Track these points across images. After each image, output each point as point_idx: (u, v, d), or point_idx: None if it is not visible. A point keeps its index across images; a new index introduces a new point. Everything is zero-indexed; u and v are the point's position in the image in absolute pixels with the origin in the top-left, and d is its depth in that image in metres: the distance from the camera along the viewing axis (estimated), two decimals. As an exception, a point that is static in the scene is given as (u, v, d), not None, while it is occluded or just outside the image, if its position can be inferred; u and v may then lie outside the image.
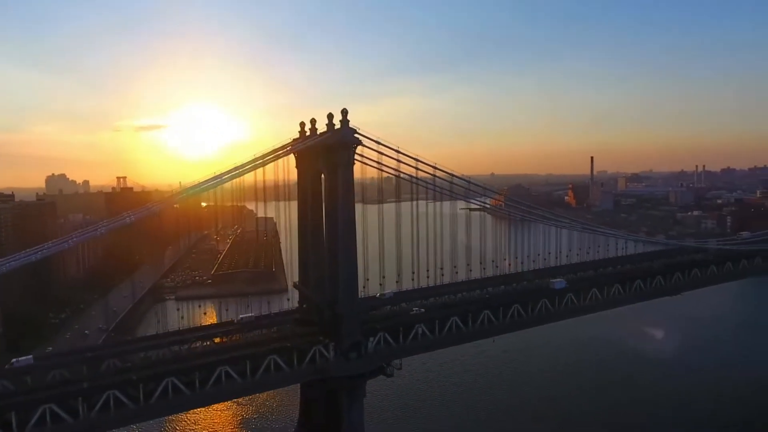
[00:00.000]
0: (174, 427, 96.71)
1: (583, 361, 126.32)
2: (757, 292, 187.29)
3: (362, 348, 75.50)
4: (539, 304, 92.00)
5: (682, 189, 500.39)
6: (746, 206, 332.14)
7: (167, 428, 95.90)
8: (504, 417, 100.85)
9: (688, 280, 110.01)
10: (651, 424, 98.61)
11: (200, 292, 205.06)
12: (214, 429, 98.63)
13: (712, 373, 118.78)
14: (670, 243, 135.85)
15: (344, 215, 74.91)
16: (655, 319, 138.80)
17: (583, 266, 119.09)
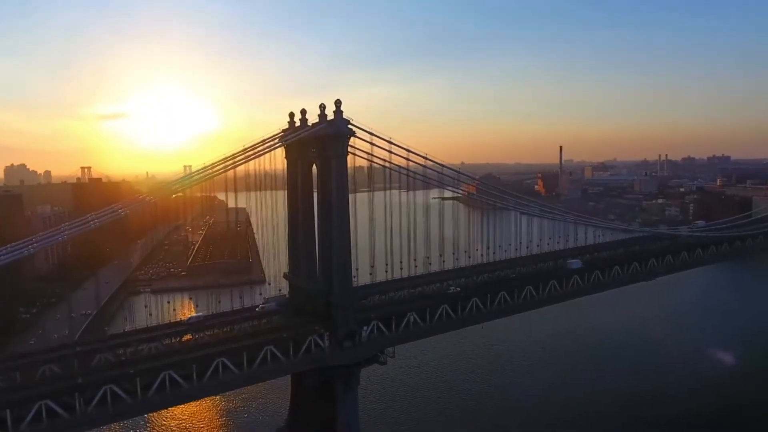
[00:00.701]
0: (162, 422, 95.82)
1: (560, 348, 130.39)
2: (730, 277, 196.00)
3: (356, 337, 76.46)
4: (524, 291, 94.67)
5: (645, 177, 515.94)
6: (707, 194, 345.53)
7: (155, 423, 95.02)
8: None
9: (661, 266, 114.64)
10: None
11: (175, 285, 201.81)
12: (202, 422, 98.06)
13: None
14: (644, 230, 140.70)
15: (338, 205, 75.38)
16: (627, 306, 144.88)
17: (563, 254, 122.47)
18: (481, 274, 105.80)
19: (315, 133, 74.53)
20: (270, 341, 70.92)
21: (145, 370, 63.66)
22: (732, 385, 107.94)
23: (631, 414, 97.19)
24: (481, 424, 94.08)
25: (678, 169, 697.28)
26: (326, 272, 79.35)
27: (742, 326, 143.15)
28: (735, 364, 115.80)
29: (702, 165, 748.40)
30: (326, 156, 77.12)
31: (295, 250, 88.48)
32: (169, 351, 70.95)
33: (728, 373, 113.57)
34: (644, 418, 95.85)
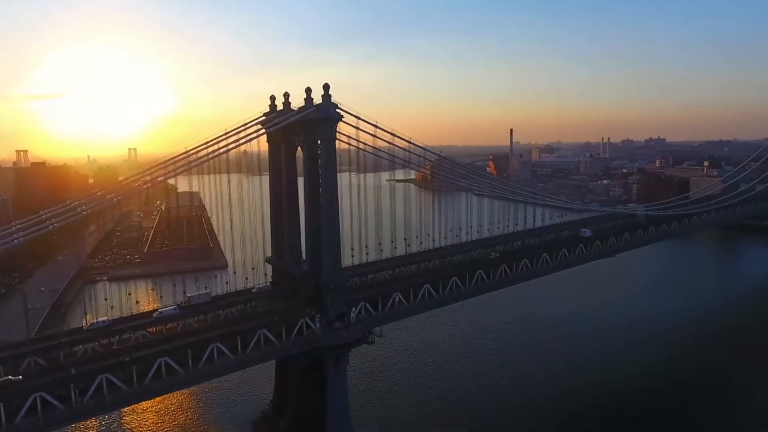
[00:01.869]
0: (138, 414, 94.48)
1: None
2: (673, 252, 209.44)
3: (346, 318, 78.03)
4: (499, 269, 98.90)
5: (590, 159, 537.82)
6: (649, 175, 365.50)
7: (133, 414, 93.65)
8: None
9: (620, 243, 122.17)
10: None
11: (134, 272, 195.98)
12: (184, 412, 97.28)
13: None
14: (603, 210, 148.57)
15: (327, 189, 76.03)
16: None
17: (529, 234, 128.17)
18: (455, 255, 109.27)
19: (305, 117, 74.43)
20: (263, 325, 71.48)
21: (141, 358, 63.02)
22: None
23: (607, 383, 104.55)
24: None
25: (618, 151, 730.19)
26: (314, 255, 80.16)
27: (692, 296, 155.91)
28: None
29: (640, 147, 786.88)
30: (313, 140, 77.42)
31: (278, 235, 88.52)
32: (163, 338, 70.18)
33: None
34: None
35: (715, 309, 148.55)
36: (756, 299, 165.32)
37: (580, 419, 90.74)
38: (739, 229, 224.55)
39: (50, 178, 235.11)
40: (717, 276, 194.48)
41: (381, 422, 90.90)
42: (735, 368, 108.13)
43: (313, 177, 78.48)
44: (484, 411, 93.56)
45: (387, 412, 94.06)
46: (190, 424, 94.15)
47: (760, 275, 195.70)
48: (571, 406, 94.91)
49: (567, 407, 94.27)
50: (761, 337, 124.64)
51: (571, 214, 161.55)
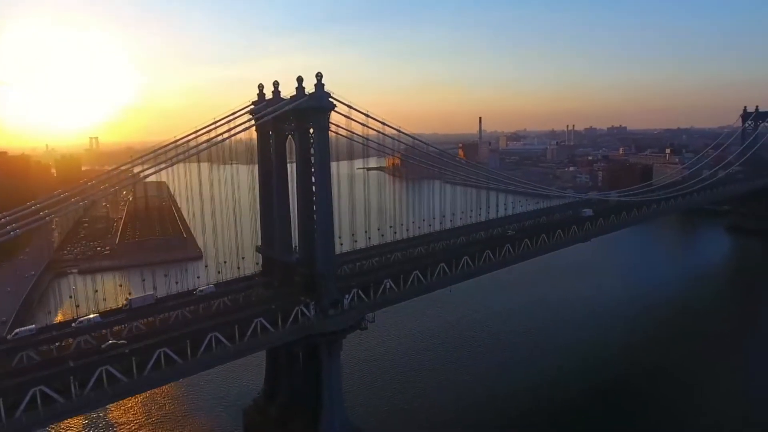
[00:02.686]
0: (127, 405, 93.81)
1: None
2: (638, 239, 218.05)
3: (339, 305, 79.12)
4: (484, 254, 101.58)
5: (556, 147, 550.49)
6: (613, 162, 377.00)
7: (126, 406, 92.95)
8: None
9: (595, 228, 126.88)
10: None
11: (106, 264, 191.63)
12: (173, 402, 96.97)
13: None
14: (578, 196, 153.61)
15: (321, 178, 76.53)
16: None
17: (508, 220, 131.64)
18: (440, 241, 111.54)
19: (298, 106, 74.47)
20: (260, 313, 71.90)
21: (140, 349, 62.76)
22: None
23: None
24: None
25: (582, 139, 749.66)
26: (307, 243, 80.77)
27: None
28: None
29: (603, 134, 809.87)
30: (305, 129, 77.66)
31: (268, 224, 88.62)
32: (161, 328, 69.87)
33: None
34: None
35: (676, 290, 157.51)
36: (714, 278, 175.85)
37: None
38: (697, 213, 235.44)
39: (11, 170, 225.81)
40: (681, 258, 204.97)
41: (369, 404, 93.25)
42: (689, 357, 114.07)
43: (305, 166, 78.82)
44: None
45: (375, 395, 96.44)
46: (181, 414, 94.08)
47: (720, 255, 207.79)
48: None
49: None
50: (714, 321, 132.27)
51: (543, 201, 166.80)
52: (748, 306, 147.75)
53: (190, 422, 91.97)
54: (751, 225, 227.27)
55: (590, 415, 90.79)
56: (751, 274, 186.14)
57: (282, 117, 79.84)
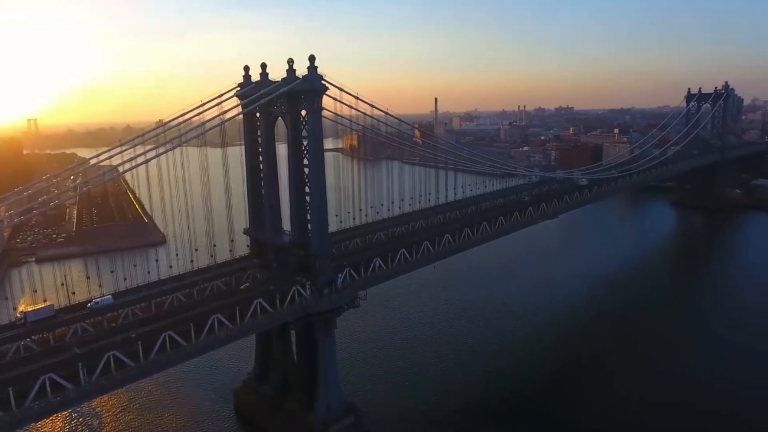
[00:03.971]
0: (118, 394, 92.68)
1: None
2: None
3: (333, 284, 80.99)
4: (463, 232, 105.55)
5: (509, 127, 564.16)
6: (565, 142, 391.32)
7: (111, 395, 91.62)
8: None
9: (562, 205, 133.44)
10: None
11: (64, 252, 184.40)
12: (158, 389, 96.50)
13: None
14: (545, 174, 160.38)
15: (314, 160, 77.46)
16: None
17: (482, 198, 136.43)
18: (418, 220, 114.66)
19: (292, 89, 74.73)
20: (259, 294, 72.91)
21: (146, 333, 62.83)
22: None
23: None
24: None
25: (532, 119, 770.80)
26: (300, 224, 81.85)
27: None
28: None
29: (551, 115, 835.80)
30: (297, 111, 78.17)
31: (256, 206, 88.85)
32: (165, 312, 69.82)
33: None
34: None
35: (630, 262, 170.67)
36: (664, 249, 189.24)
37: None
38: (644, 189, 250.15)
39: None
40: (635, 231, 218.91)
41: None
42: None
43: (297, 148, 79.51)
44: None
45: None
46: (169, 398, 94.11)
47: (667, 228, 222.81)
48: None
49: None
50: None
51: (499, 180, 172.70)
52: (691, 275, 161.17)
53: (180, 406, 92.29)
54: (693, 200, 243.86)
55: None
56: (695, 244, 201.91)
57: (272, 99, 79.76)
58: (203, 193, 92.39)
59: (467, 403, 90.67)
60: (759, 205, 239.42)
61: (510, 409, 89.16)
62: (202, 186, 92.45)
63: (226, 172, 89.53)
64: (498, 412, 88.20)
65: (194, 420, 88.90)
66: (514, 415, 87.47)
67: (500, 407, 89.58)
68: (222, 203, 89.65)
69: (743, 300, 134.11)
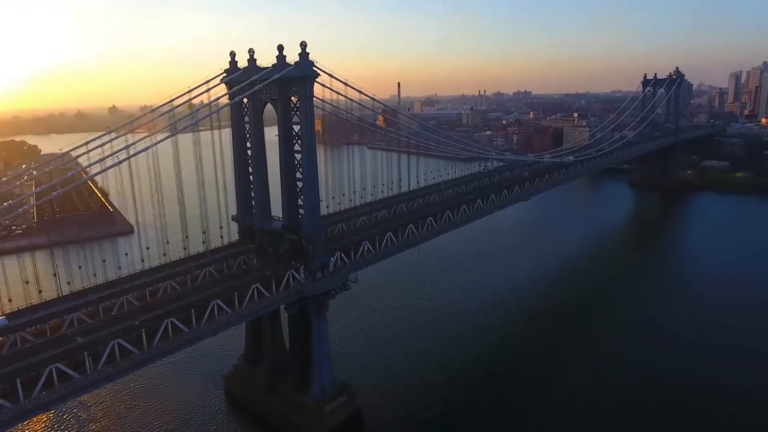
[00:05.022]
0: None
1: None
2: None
3: (326, 268, 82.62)
4: (444, 215, 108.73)
5: (470, 111, 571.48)
6: (526, 126, 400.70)
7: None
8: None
9: (534, 187, 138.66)
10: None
11: (26, 243, 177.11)
12: (143, 380, 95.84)
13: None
14: (519, 158, 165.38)
15: (307, 145, 78.31)
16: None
17: (457, 182, 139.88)
18: (399, 204, 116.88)
19: (284, 75, 75.03)
20: (256, 279, 73.89)
21: (149, 320, 63.02)
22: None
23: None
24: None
25: (491, 103, 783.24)
26: (291, 209, 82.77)
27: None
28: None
29: (510, 99, 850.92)
30: (287, 97, 78.65)
31: (245, 192, 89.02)
32: (166, 299, 69.83)
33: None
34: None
35: (593, 240, 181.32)
36: (624, 227, 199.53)
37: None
38: (603, 171, 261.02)
39: None
40: (597, 211, 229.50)
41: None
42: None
43: (288, 133, 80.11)
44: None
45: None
46: (158, 385, 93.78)
47: (626, 207, 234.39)
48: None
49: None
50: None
51: (469, 165, 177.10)
52: (647, 251, 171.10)
53: (169, 395, 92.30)
54: (649, 181, 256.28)
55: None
56: (651, 223, 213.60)
57: (257, 85, 79.56)
58: (176, 181, 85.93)
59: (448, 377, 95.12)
60: (708, 185, 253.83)
61: (488, 379, 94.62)
62: (174, 173, 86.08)
63: (199, 160, 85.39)
64: (479, 383, 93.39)
65: (186, 407, 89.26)
66: (491, 385, 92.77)
67: (481, 377, 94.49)
68: (195, 191, 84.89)
69: (700, 275, 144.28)
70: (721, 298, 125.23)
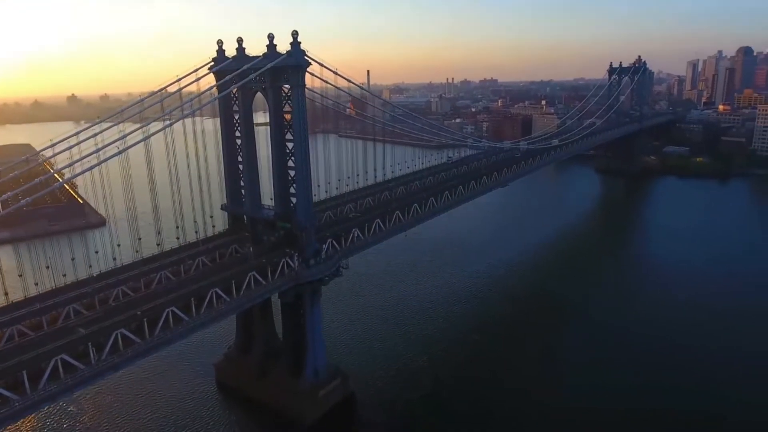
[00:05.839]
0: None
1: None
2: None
3: (319, 255, 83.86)
4: (428, 201, 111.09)
5: (439, 99, 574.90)
6: (495, 113, 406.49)
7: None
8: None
9: (511, 174, 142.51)
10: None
11: None
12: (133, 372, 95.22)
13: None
14: (496, 145, 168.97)
15: (299, 134, 78.93)
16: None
17: (437, 169, 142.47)
18: (383, 192, 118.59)
19: (277, 64, 75.24)
20: (252, 267, 74.62)
21: (150, 310, 63.25)
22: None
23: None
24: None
25: (458, 91, 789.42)
26: (283, 197, 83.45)
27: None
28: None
29: (476, 87, 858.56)
30: (279, 86, 78.97)
31: (234, 181, 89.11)
32: (165, 288, 69.91)
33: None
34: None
35: (566, 222, 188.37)
36: (592, 210, 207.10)
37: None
38: (570, 158, 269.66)
39: None
40: (568, 194, 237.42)
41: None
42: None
43: (279, 122, 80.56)
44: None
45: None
46: (145, 381, 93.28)
47: (594, 191, 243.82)
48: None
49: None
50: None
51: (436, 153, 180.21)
52: (615, 233, 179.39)
53: (159, 386, 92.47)
54: (614, 166, 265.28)
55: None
56: (617, 206, 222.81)
57: (248, 74, 79.53)
58: (147, 173, 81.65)
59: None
60: (670, 170, 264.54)
61: (471, 359, 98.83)
62: (145, 164, 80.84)
63: (168, 150, 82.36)
64: (463, 364, 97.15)
65: (177, 397, 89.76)
66: (474, 365, 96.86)
67: (465, 358, 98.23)
68: (164, 183, 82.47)
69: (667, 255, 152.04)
70: (676, 275, 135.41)
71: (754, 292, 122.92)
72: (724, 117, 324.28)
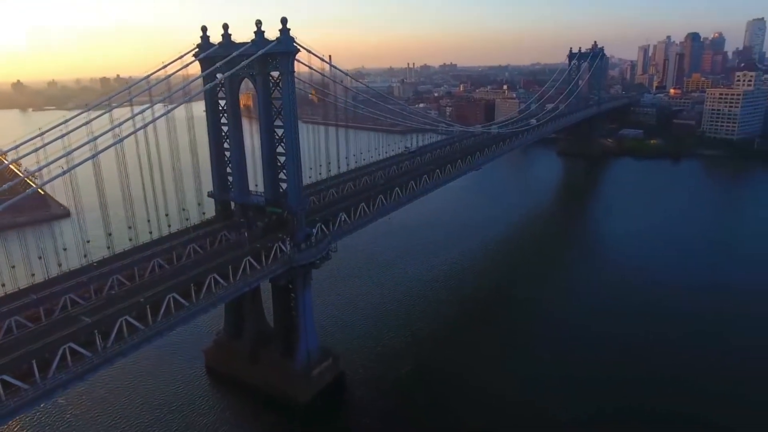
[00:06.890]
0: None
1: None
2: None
3: (309, 239, 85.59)
4: (409, 184, 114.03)
5: (401, 84, 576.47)
6: (458, 98, 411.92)
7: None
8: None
9: (484, 157, 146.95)
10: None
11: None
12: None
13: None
14: (468, 129, 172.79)
15: (289, 120, 79.92)
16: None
17: (409, 155, 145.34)
18: (362, 177, 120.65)
19: (267, 51, 75.70)
20: (247, 252, 75.80)
21: (152, 296, 63.84)
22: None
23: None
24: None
25: (419, 76, 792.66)
26: (273, 183, 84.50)
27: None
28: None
29: (437, 72, 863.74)
30: (267, 73, 79.60)
31: (221, 167, 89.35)
32: (170, 274, 70.35)
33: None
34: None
35: (530, 203, 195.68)
36: (556, 190, 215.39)
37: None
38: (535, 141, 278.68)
39: None
40: (533, 177, 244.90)
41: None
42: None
43: (268, 108, 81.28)
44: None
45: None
46: (133, 370, 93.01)
47: (556, 174, 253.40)
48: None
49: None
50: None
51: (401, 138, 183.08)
52: (577, 214, 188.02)
53: (150, 370, 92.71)
54: (575, 149, 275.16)
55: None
56: (578, 187, 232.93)
57: (237, 61, 79.82)
58: (117, 162, 76.22)
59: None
60: (626, 152, 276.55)
61: (451, 338, 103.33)
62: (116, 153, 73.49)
63: (137, 138, 72.55)
64: (444, 341, 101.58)
65: (166, 383, 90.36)
66: (455, 343, 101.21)
67: (445, 336, 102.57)
68: (134, 171, 79.17)
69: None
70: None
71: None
72: (675, 101, 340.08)
